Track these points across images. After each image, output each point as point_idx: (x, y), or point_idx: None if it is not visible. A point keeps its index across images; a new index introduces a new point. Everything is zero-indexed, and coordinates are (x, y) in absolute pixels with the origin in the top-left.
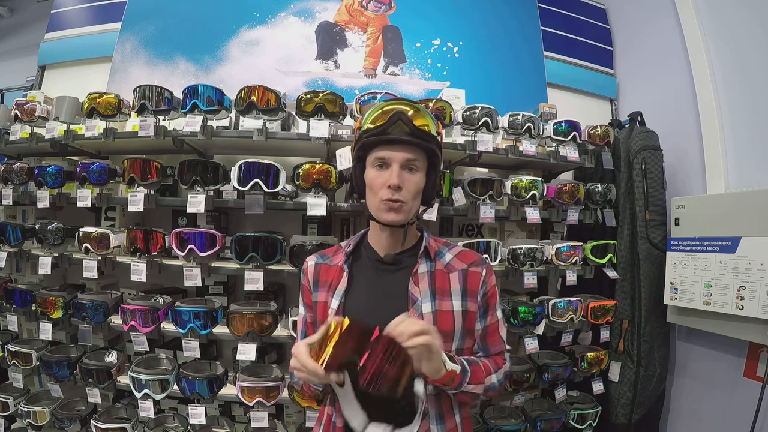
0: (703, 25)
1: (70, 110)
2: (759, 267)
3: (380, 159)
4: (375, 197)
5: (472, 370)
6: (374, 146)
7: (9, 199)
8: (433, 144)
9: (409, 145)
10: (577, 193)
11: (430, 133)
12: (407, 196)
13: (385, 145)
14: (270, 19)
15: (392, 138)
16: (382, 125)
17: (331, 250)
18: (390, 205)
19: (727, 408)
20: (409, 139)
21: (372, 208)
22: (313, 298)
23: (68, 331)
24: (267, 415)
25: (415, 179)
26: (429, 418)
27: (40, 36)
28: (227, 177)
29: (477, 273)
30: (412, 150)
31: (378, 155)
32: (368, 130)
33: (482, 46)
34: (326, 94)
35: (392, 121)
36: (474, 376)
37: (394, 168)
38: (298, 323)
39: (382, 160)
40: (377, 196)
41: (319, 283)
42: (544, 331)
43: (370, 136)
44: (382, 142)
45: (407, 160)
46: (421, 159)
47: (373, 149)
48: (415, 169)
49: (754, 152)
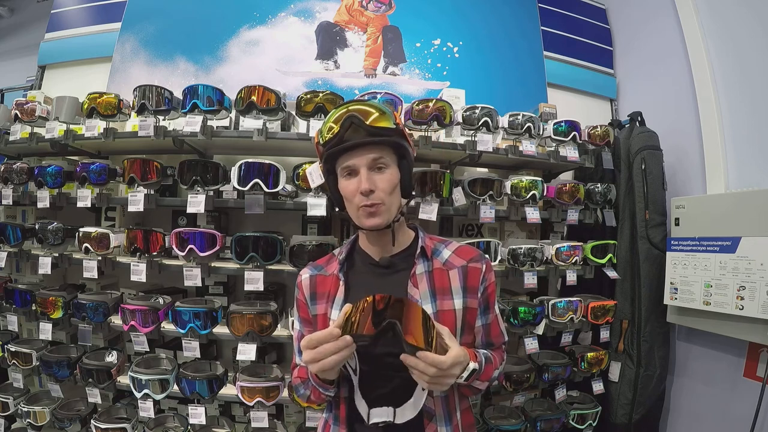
0: (703, 25)
1: (70, 110)
2: (759, 267)
3: (347, 168)
4: (352, 205)
5: (485, 369)
6: (337, 156)
7: (9, 199)
8: (395, 136)
9: (370, 146)
10: (577, 193)
11: (387, 127)
12: (382, 196)
13: (346, 152)
14: (270, 19)
15: (351, 144)
16: (337, 134)
17: (324, 260)
18: (368, 211)
19: (727, 408)
20: (367, 140)
21: (353, 216)
22: (311, 311)
23: (68, 331)
24: (267, 415)
25: (386, 177)
26: (437, 419)
27: (40, 36)
28: (227, 177)
29: (477, 269)
30: (374, 149)
31: (344, 165)
32: (326, 142)
33: (482, 46)
34: (326, 94)
35: (345, 127)
36: (485, 374)
37: (362, 173)
38: (294, 339)
39: (349, 168)
40: (353, 204)
41: (317, 295)
42: (544, 331)
43: (329, 147)
44: (343, 150)
45: (373, 160)
46: (388, 154)
47: (337, 159)
48: (384, 167)
49: (754, 152)
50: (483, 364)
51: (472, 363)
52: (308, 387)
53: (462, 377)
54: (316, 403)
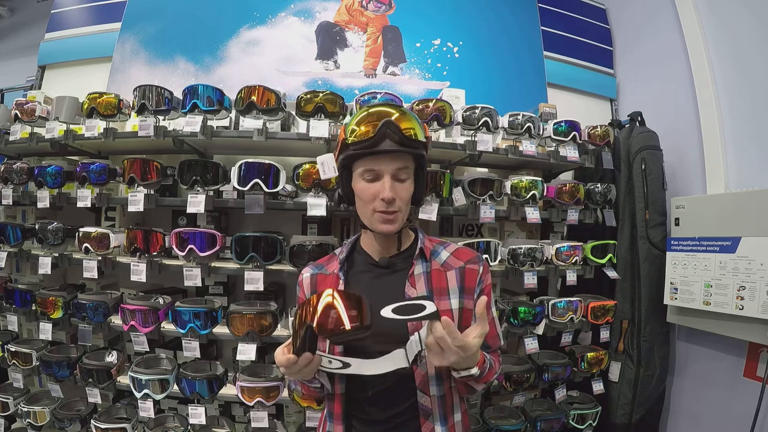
0: (703, 25)
1: (70, 110)
2: (759, 267)
3: (370, 171)
4: (366, 207)
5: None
6: (360, 156)
7: (9, 199)
8: (422, 149)
9: (399, 154)
10: (577, 193)
11: (418, 139)
12: (401, 205)
13: (373, 155)
14: (270, 19)
15: (381, 150)
16: (371, 138)
17: (325, 259)
18: (385, 218)
19: (727, 408)
20: (399, 149)
21: (364, 217)
22: None
23: (68, 331)
24: (267, 415)
25: (406, 186)
26: (433, 418)
27: (40, 36)
28: (227, 177)
29: (474, 270)
30: (401, 159)
31: (367, 167)
32: (355, 143)
33: (482, 46)
34: (326, 94)
35: (381, 133)
36: (484, 378)
37: (386, 180)
38: None
39: (372, 172)
40: (369, 206)
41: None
42: (544, 331)
43: (358, 149)
44: (375, 152)
45: (397, 169)
46: (410, 165)
47: (358, 159)
48: (405, 178)
49: (754, 152)
50: (486, 370)
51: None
52: (297, 382)
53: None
54: (309, 397)
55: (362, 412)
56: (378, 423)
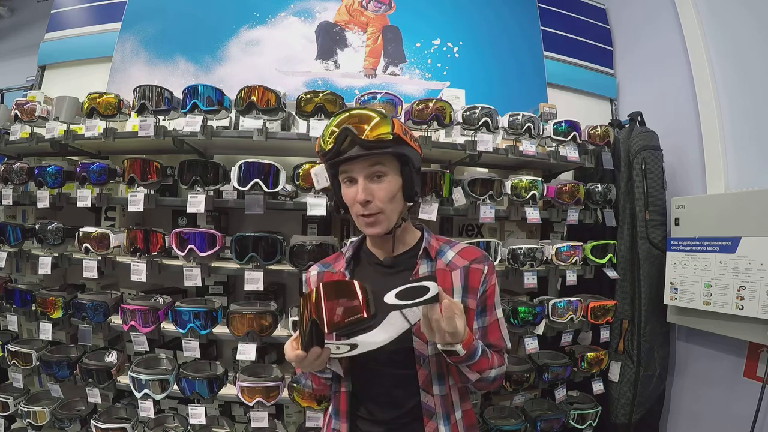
0: (703, 25)
1: (70, 110)
2: (759, 267)
3: (347, 176)
4: (352, 212)
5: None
6: (338, 164)
7: (9, 199)
8: (393, 146)
9: (367, 156)
10: (577, 193)
11: (383, 139)
12: (380, 205)
13: (345, 162)
14: (270, 19)
15: (346, 158)
16: (333, 147)
17: (332, 258)
18: (365, 221)
19: (727, 408)
20: (362, 153)
21: (355, 221)
22: None
23: (68, 331)
24: (267, 415)
25: (383, 186)
26: (436, 417)
27: (40, 36)
28: (227, 177)
29: (478, 270)
30: (371, 159)
31: (344, 173)
32: (325, 153)
33: (482, 46)
34: (326, 94)
35: (340, 141)
36: (477, 364)
37: (360, 183)
38: None
39: (349, 176)
40: (353, 210)
41: None
42: (544, 331)
43: (328, 159)
44: (341, 161)
45: (370, 170)
46: (388, 161)
47: (338, 166)
48: (382, 175)
49: (754, 152)
50: (478, 352)
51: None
52: (308, 377)
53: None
54: (319, 392)
55: (367, 413)
56: (382, 423)
